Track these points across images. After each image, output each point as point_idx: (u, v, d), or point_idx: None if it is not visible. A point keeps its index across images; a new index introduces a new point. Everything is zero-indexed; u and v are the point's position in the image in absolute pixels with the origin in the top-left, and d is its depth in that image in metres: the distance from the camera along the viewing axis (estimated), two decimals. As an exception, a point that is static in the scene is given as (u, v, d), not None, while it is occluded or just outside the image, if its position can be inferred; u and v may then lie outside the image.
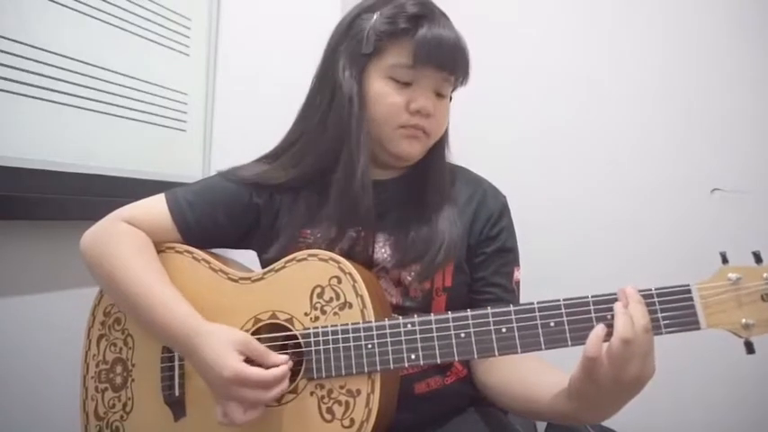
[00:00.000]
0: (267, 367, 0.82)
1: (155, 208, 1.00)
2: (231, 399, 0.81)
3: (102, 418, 0.97)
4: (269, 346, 0.86)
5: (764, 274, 0.72)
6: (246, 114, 1.71)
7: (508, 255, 1.03)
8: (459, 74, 0.96)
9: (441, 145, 1.03)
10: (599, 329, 0.72)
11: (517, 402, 0.90)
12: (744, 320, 0.72)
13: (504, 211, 1.05)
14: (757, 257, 0.74)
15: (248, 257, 1.05)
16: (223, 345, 0.82)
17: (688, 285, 0.74)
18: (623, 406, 0.75)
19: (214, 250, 1.02)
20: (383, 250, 0.97)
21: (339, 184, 0.95)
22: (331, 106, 0.96)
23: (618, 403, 0.75)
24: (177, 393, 0.92)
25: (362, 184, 0.94)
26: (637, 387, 0.72)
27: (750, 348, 0.73)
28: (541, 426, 1.48)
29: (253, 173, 1.01)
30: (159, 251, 0.98)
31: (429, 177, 1.01)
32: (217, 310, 0.90)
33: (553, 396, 0.80)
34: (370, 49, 0.94)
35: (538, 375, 0.87)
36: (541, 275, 1.24)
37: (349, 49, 0.96)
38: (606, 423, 1.42)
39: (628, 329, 0.69)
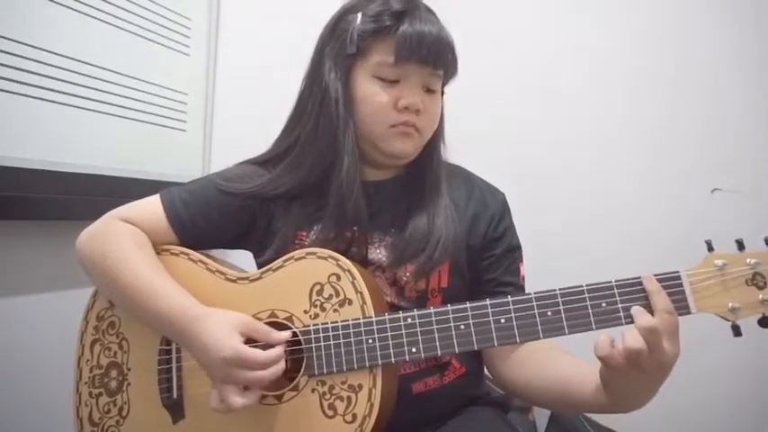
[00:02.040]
0: (270, 346, 0.83)
1: (150, 207, 1.00)
2: (228, 381, 0.81)
3: (96, 424, 0.96)
4: (268, 345, 0.87)
5: (748, 260, 0.76)
6: (246, 114, 1.71)
7: (515, 253, 1.04)
8: (444, 68, 0.95)
9: (435, 142, 1.03)
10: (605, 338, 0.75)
11: (552, 396, 0.92)
12: (730, 304, 0.76)
13: (504, 209, 1.06)
14: (740, 245, 0.77)
15: (245, 259, 1.05)
16: (225, 327, 0.82)
17: (678, 272, 0.77)
18: (656, 391, 0.78)
19: (210, 251, 1.02)
20: (378, 251, 0.97)
21: (332, 185, 0.95)
22: (321, 110, 0.96)
23: (649, 388, 0.78)
24: (175, 396, 0.92)
25: (348, 183, 0.93)
26: (664, 372, 0.75)
27: (737, 331, 0.76)
28: (541, 426, 1.47)
29: (251, 186, 1.00)
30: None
31: (425, 175, 1.01)
32: None
33: (589, 390, 0.83)
34: (354, 50, 0.93)
35: (572, 369, 0.89)
36: (542, 275, 1.24)
37: (334, 51, 0.96)
38: (606, 422, 1.43)
39: (649, 319, 0.74)
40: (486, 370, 1.06)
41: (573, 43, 1.89)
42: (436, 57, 0.93)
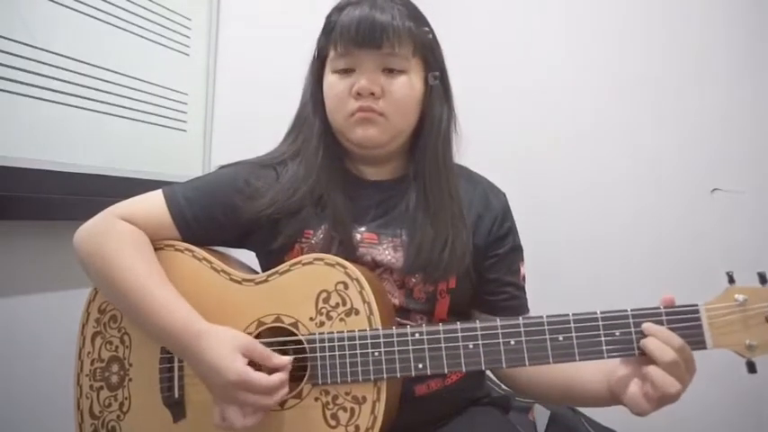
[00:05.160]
0: (271, 370, 0.82)
1: (152, 205, 0.98)
2: (232, 403, 0.80)
3: (97, 417, 0.96)
4: (273, 350, 0.86)
5: None
6: (246, 114, 1.70)
7: (517, 253, 1.05)
8: (382, 45, 0.93)
9: (438, 142, 1.00)
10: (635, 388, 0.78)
11: (554, 395, 0.96)
12: (748, 341, 0.74)
13: (507, 209, 1.06)
14: (762, 278, 0.75)
15: (249, 256, 1.05)
16: (227, 348, 0.81)
17: (696, 306, 0.76)
18: None
19: (215, 248, 1.01)
20: (386, 252, 0.97)
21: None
22: (301, 114, 1.04)
23: None
24: (177, 395, 0.92)
25: (325, 180, 0.97)
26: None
27: (752, 368, 0.75)
28: (541, 426, 1.48)
29: (270, 201, 0.98)
30: (158, 249, 0.96)
31: (429, 175, 0.99)
32: (219, 312, 0.89)
33: (594, 392, 0.87)
34: (316, 54, 1.01)
35: (575, 370, 0.90)
36: (542, 274, 1.24)
37: (310, 61, 1.03)
38: (606, 423, 1.43)
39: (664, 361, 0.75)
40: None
41: (572, 44, 1.89)
42: (368, 36, 0.93)
